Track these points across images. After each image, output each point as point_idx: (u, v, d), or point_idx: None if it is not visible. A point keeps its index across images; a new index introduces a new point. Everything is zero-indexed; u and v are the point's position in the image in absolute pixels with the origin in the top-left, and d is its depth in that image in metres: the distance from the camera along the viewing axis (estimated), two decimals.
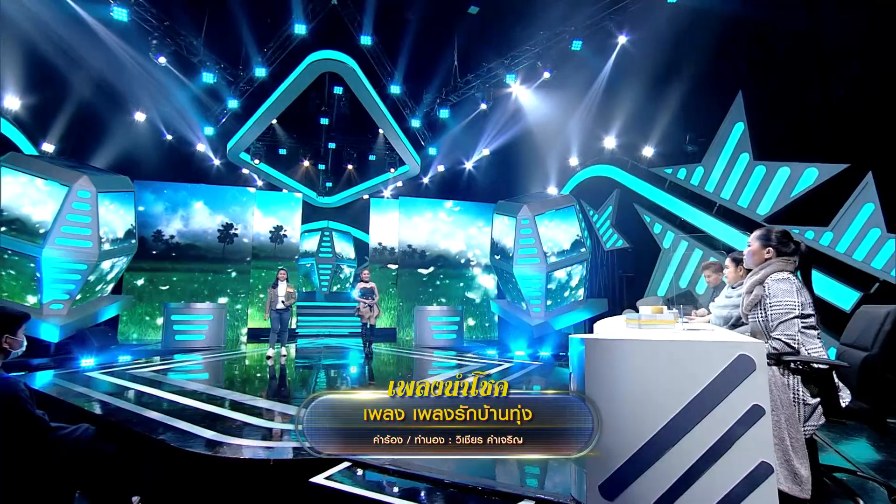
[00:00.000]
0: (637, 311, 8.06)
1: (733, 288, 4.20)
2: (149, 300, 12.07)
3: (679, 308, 4.09)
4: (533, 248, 10.68)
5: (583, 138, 11.94)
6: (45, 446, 2.38)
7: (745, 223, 7.67)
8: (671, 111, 9.12)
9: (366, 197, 16.36)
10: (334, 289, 19.01)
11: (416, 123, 14.33)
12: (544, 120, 12.50)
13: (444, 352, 10.64)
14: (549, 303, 10.88)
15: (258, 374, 7.55)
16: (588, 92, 11.24)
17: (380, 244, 14.77)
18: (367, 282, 9.29)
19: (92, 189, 9.06)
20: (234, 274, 12.78)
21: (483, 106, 12.84)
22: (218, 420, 4.40)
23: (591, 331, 10.57)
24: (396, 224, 14.66)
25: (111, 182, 9.72)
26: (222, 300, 12.39)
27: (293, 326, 13.63)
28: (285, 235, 14.09)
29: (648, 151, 10.10)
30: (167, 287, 12.28)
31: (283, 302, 8.82)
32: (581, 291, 11.05)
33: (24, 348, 2.42)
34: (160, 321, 11.66)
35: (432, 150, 15.41)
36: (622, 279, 11.01)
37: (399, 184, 17.59)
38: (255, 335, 12.71)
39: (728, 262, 4.30)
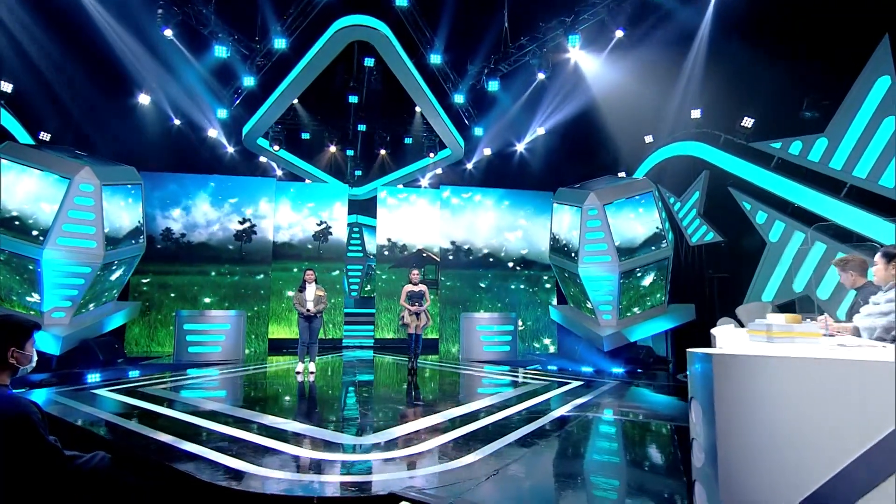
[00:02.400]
0: (737, 319, 7.60)
1: (884, 291, 3.82)
2: (158, 308, 12.26)
3: (821, 317, 3.72)
4: (602, 244, 10.37)
5: (661, 109, 11.42)
6: (58, 478, 2.35)
7: (890, 208, 7.01)
8: (782, 68, 8.37)
9: (400, 186, 16.23)
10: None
11: (459, 99, 14.07)
12: (613, 89, 12.02)
13: (496, 366, 10.48)
14: (622, 309, 10.53)
15: (286, 393, 7.53)
16: (670, 51, 10.66)
17: (389, 240, 14.69)
18: (415, 284, 9.14)
19: (95, 182, 9.22)
20: (253, 277, 12.86)
21: (540, 76, 12.45)
22: (246, 447, 4.30)
23: (674, 343, 10.13)
24: (418, 217, 14.61)
25: (116, 173, 9.90)
26: (217, 301, 12.45)
27: (340, 336, 13.88)
28: (330, 233, 14.20)
29: (748, 122, 9.49)
30: (178, 292, 12.44)
31: (308, 309, 8.74)
32: (661, 295, 10.61)
33: (34, 363, 2.41)
34: (167, 331, 11.78)
35: (478, 131, 15.15)
36: (712, 281, 10.47)
37: (439, 171, 17.40)
38: (277, 347, 12.86)
39: (878, 258, 3.92)
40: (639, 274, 10.40)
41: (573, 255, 10.73)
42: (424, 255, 14.88)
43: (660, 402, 6.92)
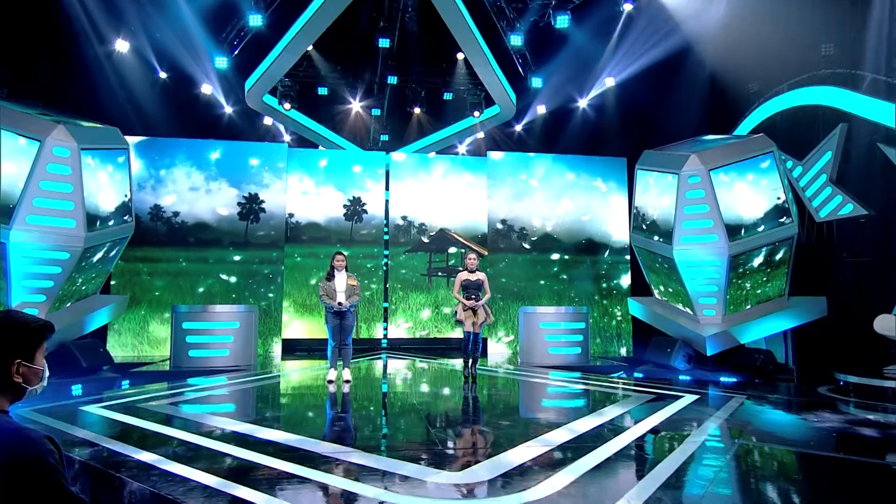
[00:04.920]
0: None
1: None
2: (147, 302, 12.04)
3: None
4: (706, 220, 9.78)
5: (775, 47, 10.66)
6: None
7: None
8: None
9: (431, 155, 15.57)
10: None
11: (516, 41, 13.29)
12: (711, 22, 11.38)
13: (564, 373, 9.98)
14: (729, 303, 9.96)
15: (324, 409, 7.13)
16: None
17: (404, 219, 14.36)
18: (471, 272, 8.67)
19: (72, 144, 8.77)
20: (262, 263, 12.67)
21: (627, 6, 11.65)
22: (305, 488, 3.77)
23: (795, 346, 9.29)
24: (450, 190, 14.42)
25: (97, 135, 9.50)
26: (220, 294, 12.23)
27: (378, 336, 13.72)
28: (365, 211, 13.93)
29: None
30: (172, 283, 12.23)
31: (340, 303, 8.27)
32: (782, 286, 10.01)
33: (45, 381, 2.11)
34: (161, 330, 11.64)
35: (536, 82, 14.45)
36: (848, 266, 9.87)
37: (480, 135, 16.77)
38: (291, 348, 12.73)
39: None
40: (754, 257, 9.74)
41: (665, 234, 10.24)
42: (448, 236, 14.47)
43: (815, 427, 6.16)
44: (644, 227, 10.91)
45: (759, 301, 10.04)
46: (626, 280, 14.06)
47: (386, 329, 14.00)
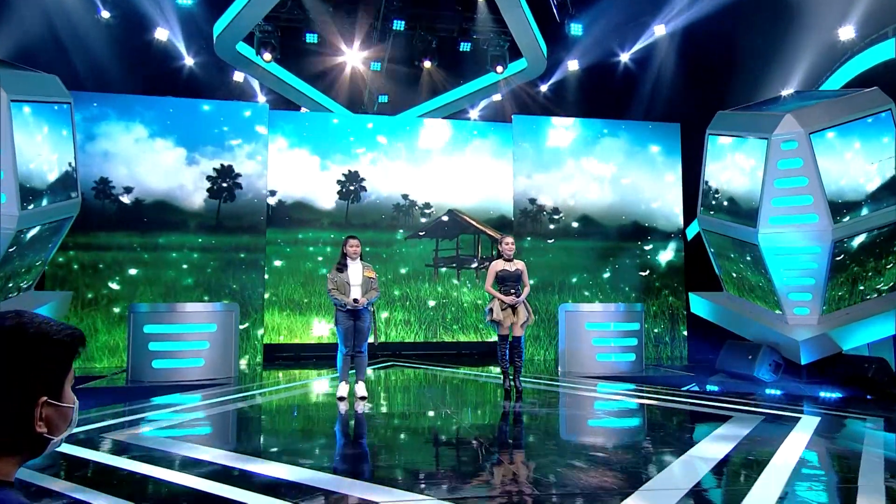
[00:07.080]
0: None
1: None
2: (94, 299, 11.67)
3: None
4: (804, 196, 9.25)
5: None
6: None
7: None
8: None
9: (442, 120, 14.94)
10: None
11: None
12: None
13: (616, 384, 9.71)
14: (829, 300, 9.49)
15: (344, 435, 6.74)
16: None
17: (405, 197, 13.95)
18: (508, 260, 8.31)
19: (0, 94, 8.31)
20: (238, 252, 12.39)
21: None
22: None
23: None
24: (462, 164, 14.18)
25: (32, 84, 9.10)
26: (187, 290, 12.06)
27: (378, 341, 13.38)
28: (363, 188, 13.58)
29: None
30: (124, 277, 11.92)
31: (355, 300, 7.92)
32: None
33: (73, 427, 1.70)
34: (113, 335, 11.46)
35: (576, 29, 13.86)
36: None
37: (497, 97, 16.13)
38: (271, 355, 12.63)
39: None
40: (863, 243, 9.19)
41: (748, 214, 9.76)
42: (459, 218, 14.00)
43: None
44: (716, 205, 10.50)
45: (866, 297, 9.51)
46: (679, 270, 13.76)
47: (383, 331, 13.52)
